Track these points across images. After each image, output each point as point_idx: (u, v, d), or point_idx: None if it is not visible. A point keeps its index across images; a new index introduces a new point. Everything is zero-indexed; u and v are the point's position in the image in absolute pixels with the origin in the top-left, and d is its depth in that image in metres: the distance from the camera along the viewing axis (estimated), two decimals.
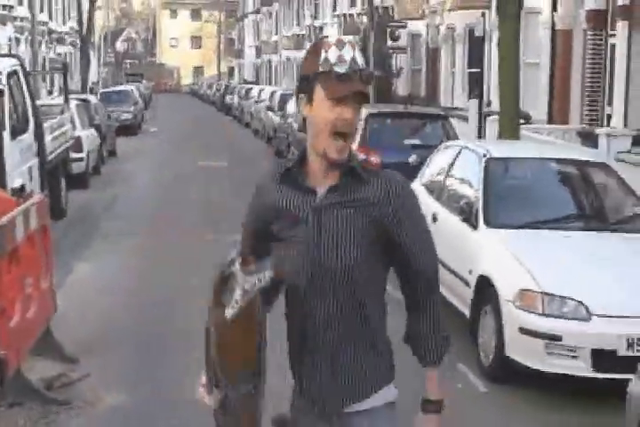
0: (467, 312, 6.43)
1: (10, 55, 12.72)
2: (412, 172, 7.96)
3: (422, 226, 2.38)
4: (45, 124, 11.31)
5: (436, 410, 2.38)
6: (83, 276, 8.87)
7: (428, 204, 7.68)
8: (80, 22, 34.85)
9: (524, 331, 5.51)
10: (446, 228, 6.99)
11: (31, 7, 24.73)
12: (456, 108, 20.56)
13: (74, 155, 15.01)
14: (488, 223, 6.37)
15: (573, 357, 5.39)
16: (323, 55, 2.20)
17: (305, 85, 2.24)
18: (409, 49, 26.96)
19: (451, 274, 6.79)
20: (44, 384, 5.54)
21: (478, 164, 6.91)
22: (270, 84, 49.98)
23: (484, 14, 17.80)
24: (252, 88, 35.67)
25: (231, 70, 78.23)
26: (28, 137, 10.09)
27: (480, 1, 19.74)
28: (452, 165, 7.54)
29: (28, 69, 11.06)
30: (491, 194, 6.56)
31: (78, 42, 37.96)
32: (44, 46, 39.14)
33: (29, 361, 5.93)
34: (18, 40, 32.57)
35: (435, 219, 7.33)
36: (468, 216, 6.52)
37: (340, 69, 2.18)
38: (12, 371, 5.09)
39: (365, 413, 2.33)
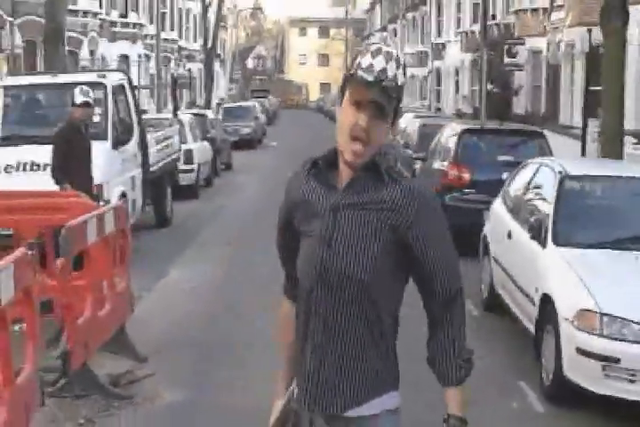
0: (532, 330, 6.34)
1: (117, 70, 13.34)
2: None
3: (444, 243, 2.29)
4: (151, 136, 11.83)
5: (459, 425, 2.30)
6: (172, 281, 9.24)
7: (505, 221, 7.62)
8: (205, 40, 36.05)
9: (581, 351, 5.40)
10: (518, 245, 6.91)
11: (157, 25, 25.64)
12: (571, 127, 20.11)
13: (184, 166, 15.62)
14: (556, 242, 6.27)
15: (632, 380, 5.24)
16: (358, 60, 2.24)
17: (342, 86, 2.29)
18: (529, 66, 26.57)
19: (520, 292, 6.72)
20: (110, 380, 5.84)
21: (553, 181, 6.82)
22: None
23: None
24: None
25: None
26: (132, 147, 10.59)
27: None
28: (529, 182, 7.45)
29: (134, 84, 11.56)
30: (562, 212, 6.46)
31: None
32: (172, 63, 40.76)
33: (102, 358, 6.27)
34: (148, 57, 34.01)
35: (509, 236, 7.27)
36: (538, 234, 6.43)
37: (366, 76, 2.19)
38: (78, 365, 5.39)
39: (363, 419, 2.31)
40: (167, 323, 7.42)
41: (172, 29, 41.64)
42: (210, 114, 22.47)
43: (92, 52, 28.28)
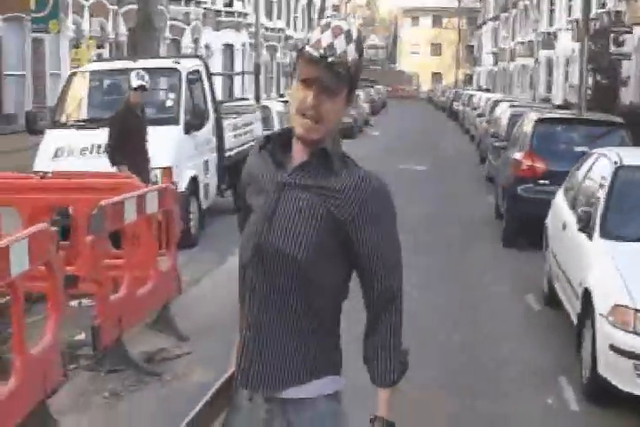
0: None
1: (194, 57, 13.55)
2: None
3: (387, 239, 2.23)
4: (229, 122, 12.00)
5: None
6: (233, 267, 9.32)
7: (562, 212, 7.39)
8: (310, 29, 36.20)
9: (614, 349, 5.19)
10: (569, 237, 6.69)
11: (257, 14, 25.91)
12: None
13: None
14: (603, 234, 6.04)
15: None
16: (308, 34, 2.20)
17: (295, 62, 2.22)
18: (638, 55, 25.50)
19: (569, 285, 6.51)
20: (145, 356, 5.98)
21: (608, 171, 6.56)
22: (505, 92, 49.13)
23: None
24: (474, 95, 35.34)
25: (468, 78, 77.76)
26: (206, 133, 10.77)
27: None
28: (587, 172, 7.19)
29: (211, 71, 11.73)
30: (612, 203, 6.20)
31: None
32: (279, 52, 41.16)
33: (144, 335, 6.44)
34: (252, 45, 34.40)
35: (564, 227, 7.04)
36: (586, 226, 6.20)
37: (312, 52, 2.11)
38: (109, 340, 5.55)
39: (299, 401, 2.27)
40: (217, 307, 7.49)
41: (279, 18, 42.00)
42: None
43: (195, 41, 28.86)
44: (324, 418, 2.28)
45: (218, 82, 28.89)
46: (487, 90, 51.26)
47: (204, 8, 29.41)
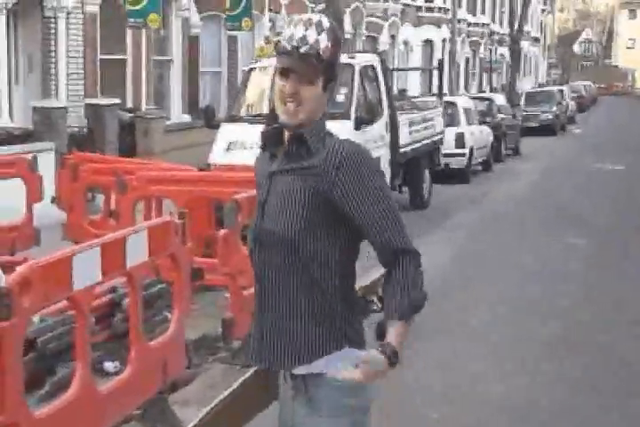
0: None
1: (371, 52, 13.40)
2: None
3: (371, 195, 2.30)
4: (406, 117, 11.79)
5: (385, 352, 2.24)
6: None
7: None
8: (512, 23, 35.14)
9: None
10: None
11: (454, 7, 25.39)
12: None
13: (455, 150, 15.45)
14: None
15: None
16: (285, 29, 2.37)
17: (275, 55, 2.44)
18: None
19: None
20: None
21: None
22: None
23: None
24: None
25: None
26: (378, 128, 10.61)
27: None
28: None
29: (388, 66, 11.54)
30: None
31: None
32: (482, 48, 40.35)
33: None
34: (453, 41, 33.86)
35: None
36: None
37: (284, 44, 2.31)
38: (242, 333, 5.51)
39: (317, 377, 2.34)
40: None
41: (484, 13, 41.10)
42: (498, 98, 21.92)
43: (392, 37, 28.78)
44: (341, 392, 2.32)
45: (415, 77, 28.77)
46: None
47: (403, 4, 29.27)
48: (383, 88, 10.79)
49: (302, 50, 2.28)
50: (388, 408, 4.35)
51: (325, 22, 2.31)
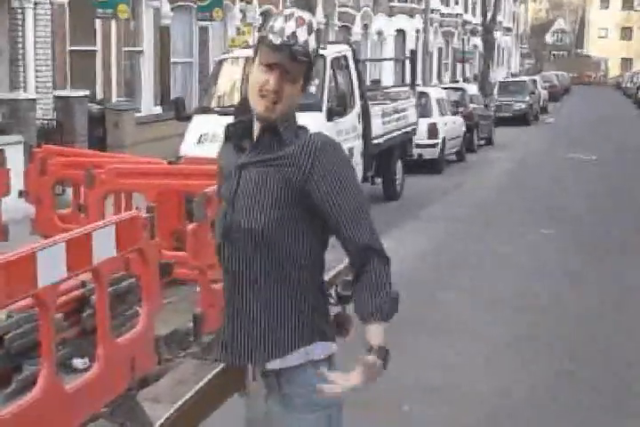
0: None
1: (342, 43, 13.33)
2: None
3: (343, 188, 2.27)
4: (379, 108, 11.74)
5: (376, 355, 2.19)
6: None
7: None
8: (485, 13, 35.19)
9: None
10: None
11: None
12: None
13: (427, 141, 15.44)
14: None
15: None
16: (271, 22, 2.31)
17: (255, 47, 2.37)
18: None
19: None
20: None
21: None
22: None
23: None
24: None
25: None
26: (351, 119, 10.56)
27: None
28: None
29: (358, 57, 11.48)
30: None
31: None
32: (455, 38, 40.39)
33: None
34: (426, 31, 33.88)
35: None
36: None
37: (274, 39, 2.25)
38: (212, 329, 5.45)
39: (289, 370, 2.32)
40: None
41: (457, 3, 41.15)
42: (470, 88, 21.93)
43: (365, 27, 28.72)
44: (313, 383, 2.24)
45: (389, 68, 28.73)
46: None
47: None
48: (355, 79, 10.74)
49: (294, 48, 2.24)
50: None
51: (315, 24, 2.30)
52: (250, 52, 9.34)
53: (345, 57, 10.69)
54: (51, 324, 3.86)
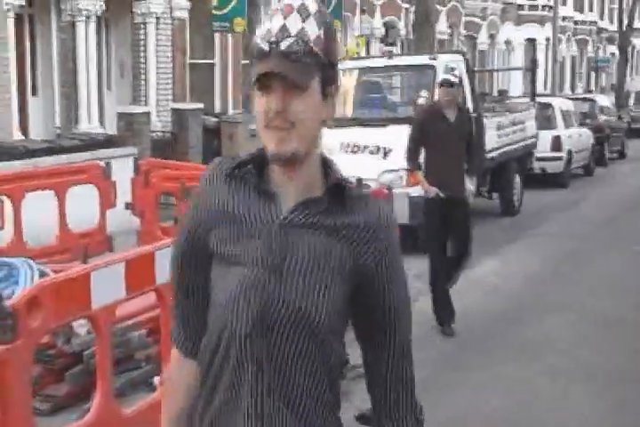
0: None
1: (456, 52, 12.93)
2: None
3: (403, 278, 1.80)
4: (492, 120, 11.32)
5: None
6: (479, 273, 8.67)
7: None
8: (620, 20, 33.76)
9: None
10: None
11: (555, 5, 24.53)
12: None
13: (551, 153, 14.83)
14: None
15: None
16: (260, 27, 1.68)
17: (252, 69, 1.70)
18: None
19: None
20: None
21: None
22: None
23: None
24: None
25: None
26: None
27: None
28: None
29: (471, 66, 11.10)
30: None
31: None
32: (590, 46, 39.02)
33: None
34: (558, 39, 32.88)
35: None
36: None
37: (260, 44, 1.62)
38: None
39: None
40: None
41: (591, 10, 39.72)
42: (601, 99, 20.99)
43: (491, 36, 28.07)
44: None
45: (518, 77, 27.92)
46: None
47: (504, 2, 28.51)
48: (468, 89, 10.36)
49: (283, 45, 1.60)
50: None
51: (311, 5, 1.64)
52: (356, 63, 8.99)
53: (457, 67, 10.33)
54: (106, 346, 3.76)
